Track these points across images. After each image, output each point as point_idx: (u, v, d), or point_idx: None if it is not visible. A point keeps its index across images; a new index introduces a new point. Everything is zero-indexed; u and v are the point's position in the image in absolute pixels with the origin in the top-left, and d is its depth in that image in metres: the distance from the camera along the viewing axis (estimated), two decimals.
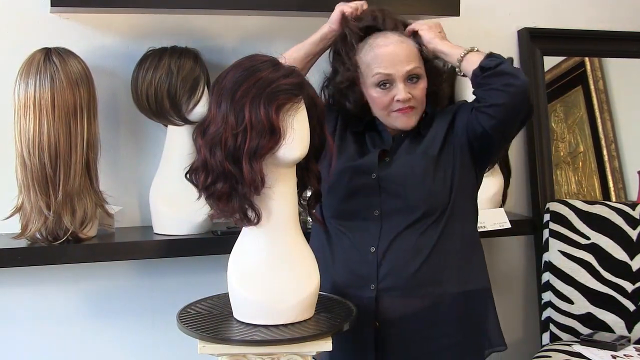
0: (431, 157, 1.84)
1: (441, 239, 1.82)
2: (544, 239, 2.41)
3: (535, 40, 2.61)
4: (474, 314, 1.88)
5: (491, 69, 1.77)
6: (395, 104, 1.83)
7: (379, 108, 1.86)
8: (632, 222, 2.35)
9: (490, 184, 2.37)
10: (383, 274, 1.80)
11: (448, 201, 1.83)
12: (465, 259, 1.87)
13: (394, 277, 1.80)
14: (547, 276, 2.38)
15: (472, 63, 1.81)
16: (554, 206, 2.41)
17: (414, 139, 1.89)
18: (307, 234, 1.77)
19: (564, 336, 2.34)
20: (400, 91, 1.82)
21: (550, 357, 2.17)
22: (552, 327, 2.36)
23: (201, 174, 1.57)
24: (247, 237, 1.64)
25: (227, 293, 1.65)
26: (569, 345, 2.24)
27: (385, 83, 1.83)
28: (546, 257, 2.40)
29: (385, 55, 1.83)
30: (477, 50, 1.86)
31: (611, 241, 2.34)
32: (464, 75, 1.87)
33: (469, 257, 1.88)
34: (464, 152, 1.86)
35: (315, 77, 2.27)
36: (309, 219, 2.07)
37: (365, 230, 1.84)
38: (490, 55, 1.81)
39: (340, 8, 1.95)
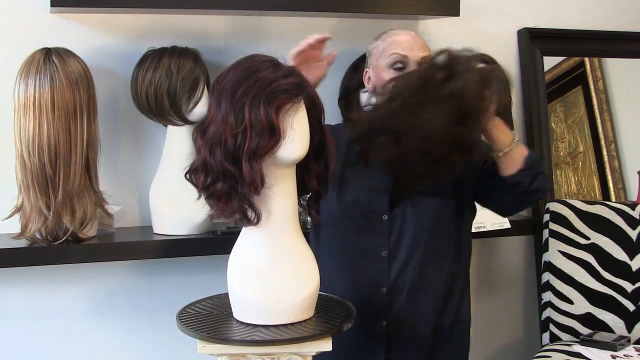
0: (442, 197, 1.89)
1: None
2: (543, 239, 2.41)
3: (535, 40, 2.61)
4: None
5: (530, 191, 1.81)
6: None
7: None
8: (632, 222, 2.35)
9: None
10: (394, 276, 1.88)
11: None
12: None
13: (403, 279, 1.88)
14: (547, 276, 2.38)
15: (513, 161, 1.79)
16: (554, 206, 2.41)
17: None
18: (307, 234, 1.77)
19: (564, 336, 2.34)
20: None
21: (550, 357, 2.16)
22: (552, 327, 2.36)
23: (201, 174, 1.57)
24: (247, 237, 1.64)
25: (227, 293, 1.65)
26: (568, 345, 2.24)
27: (400, 65, 1.86)
28: (546, 257, 2.39)
29: (402, 41, 1.88)
30: (517, 141, 1.82)
31: (611, 241, 2.34)
32: (492, 164, 1.84)
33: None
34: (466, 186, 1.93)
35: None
36: (309, 219, 2.07)
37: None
38: (532, 166, 1.80)
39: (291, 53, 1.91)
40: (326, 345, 1.56)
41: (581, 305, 2.32)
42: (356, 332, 1.85)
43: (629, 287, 2.30)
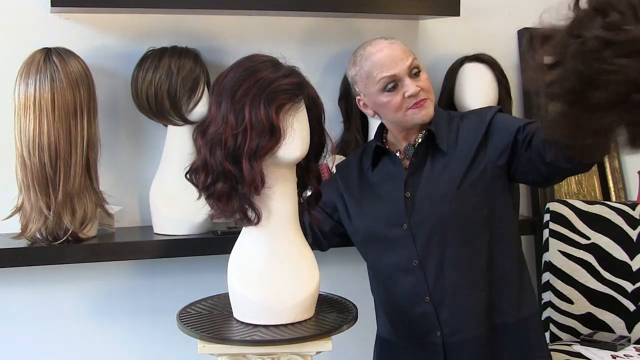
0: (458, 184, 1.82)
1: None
2: (544, 239, 2.41)
3: None
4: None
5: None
6: (408, 100, 1.82)
7: (394, 110, 1.84)
8: (632, 222, 2.35)
9: None
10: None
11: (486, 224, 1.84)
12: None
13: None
14: (547, 276, 2.38)
15: None
16: (554, 206, 2.41)
17: (435, 158, 1.86)
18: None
19: (564, 336, 2.34)
20: (409, 86, 1.82)
21: (550, 357, 2.16)
22: (552, 327, 2.36)
23: (201, 174, 1.57)
24: (247, 237, 1.64)
25: (227, 293, 1.65)
26: (569, 345, 2.24)
27: (392, 84, 1.82)
28: (546, 257, 2.39)
29: (383, 59, 1.83)
30: None
31: (611, 241, 2.33)
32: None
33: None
34: (497, 173, 1.83)
35: (316, 77, 2.28)
36: None
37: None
38: None
39: None
40: (326, 345, 1.56)
41: (581, 305, 2.32)
42: (412, 349, 1.86)
43: (629, 287, 2.30)
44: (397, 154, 1.91)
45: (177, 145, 2.13)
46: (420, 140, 1.88)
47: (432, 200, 1.83)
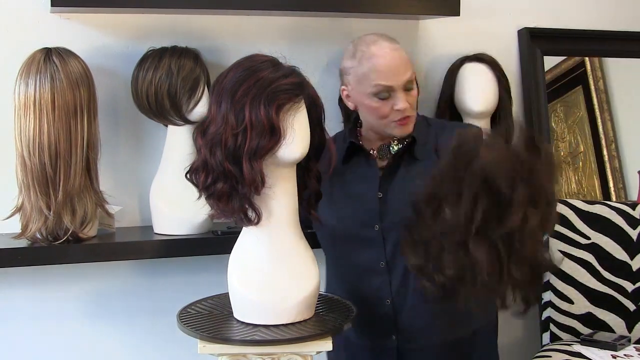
0: None
1: None
2: (544, 239, 2.41)
3: (535, 40, 2.60)
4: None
5: None
6: (394, 113, 1.83)
7: (378, 117, 1.85)
8: (632, 222, 2.35)
9: None
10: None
11: None
12: None
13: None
14: (547, 276, 2.38)
15: None
16: None
17: (409, 163, 1.88)
18: (306, 235, 1.77)
19: (564, 336, 2.34)
20: (401, 101, 1.83)
21: (550, 357, 2.16)
22: (552, 327, 2.36)
23: (201, 174, 1.57)
24: (248, 237, 1.64)
25: (227, 293, 1.65)
26: (569, 345, 2.24)
27: (385, 94, 1.82)
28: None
29: (384, 67, 1.82)
30: None
31: (611, 241, 2.33)
32: None
33: None
34: None
35: (316, 77, 2.28)
36: None
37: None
38: None
39: None
40: (326, 345, 1.56)
41: (581, 305, 2.32)
42: (366, 350, 1.86)
43: (629, 286, 2.30)
44: (371, 152, 1.92)
45: (177, 145, 2.13)
46: (398, 147, 1.90)
47: (405, 204, 1.82)
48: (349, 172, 1.93)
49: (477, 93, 2.35)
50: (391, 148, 1.91)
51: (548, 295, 2.37)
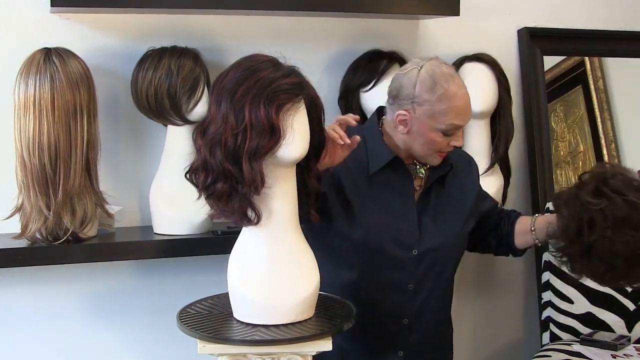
0: (460, 229, 1.92)
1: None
2: None
3: (535, 40, 2.61)
4: None
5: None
6: (447, 147, 1.83)
7: (432, 150, 1.82)
8: None
9: (490, 184, 2.36)
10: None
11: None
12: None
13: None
14: (547, 275, 2.38)
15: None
16: None
17: (438, 190, 1.91)
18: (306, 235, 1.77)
19: (564, 336, 2.34)
20: (460, 139, 1.83)
21: (550, 356, 2.17)
22: (552, 326, 2.36)
23: (201, 174, 1.57)
24: (247, 237, 1.64)
25: (227, 293, 1.65)
26: (568, 344, 2.24)
27: (452, 131, 1.80)
28: (546, 256, 2.39)
29: (462, 109, 1.80)
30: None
31: None
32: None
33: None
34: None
35: (316, 77, 2.28)
36: None
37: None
38: None
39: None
40: (326, 345, 1.56)
41: (581, 305, 2.32)
42: None
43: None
44: (409, 169, 1.88)
45: (177, 145, 2.13)
46: (424, 169, 1.89)
47: (441, 232, 1.87)
48: (378, 181, 1.87)
49: (477, 93, 2.34)
50: (418, 168, 1.90)
51: (548, 295, 2.37)
